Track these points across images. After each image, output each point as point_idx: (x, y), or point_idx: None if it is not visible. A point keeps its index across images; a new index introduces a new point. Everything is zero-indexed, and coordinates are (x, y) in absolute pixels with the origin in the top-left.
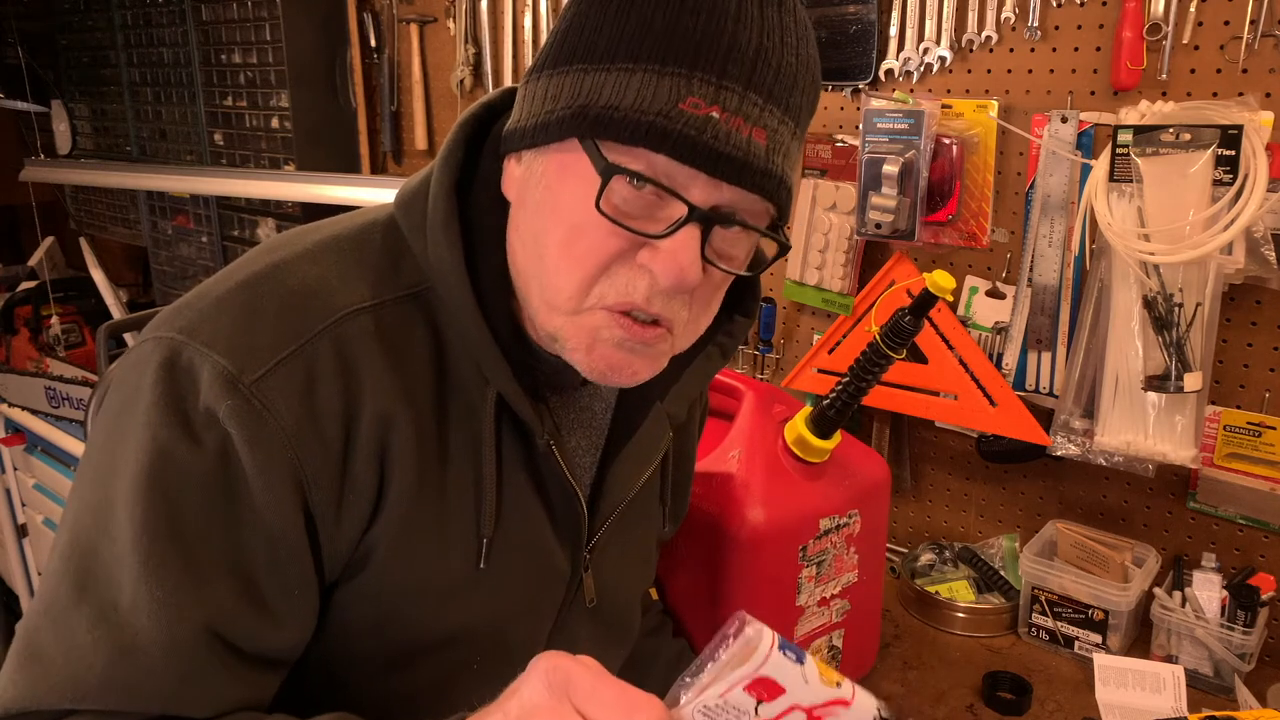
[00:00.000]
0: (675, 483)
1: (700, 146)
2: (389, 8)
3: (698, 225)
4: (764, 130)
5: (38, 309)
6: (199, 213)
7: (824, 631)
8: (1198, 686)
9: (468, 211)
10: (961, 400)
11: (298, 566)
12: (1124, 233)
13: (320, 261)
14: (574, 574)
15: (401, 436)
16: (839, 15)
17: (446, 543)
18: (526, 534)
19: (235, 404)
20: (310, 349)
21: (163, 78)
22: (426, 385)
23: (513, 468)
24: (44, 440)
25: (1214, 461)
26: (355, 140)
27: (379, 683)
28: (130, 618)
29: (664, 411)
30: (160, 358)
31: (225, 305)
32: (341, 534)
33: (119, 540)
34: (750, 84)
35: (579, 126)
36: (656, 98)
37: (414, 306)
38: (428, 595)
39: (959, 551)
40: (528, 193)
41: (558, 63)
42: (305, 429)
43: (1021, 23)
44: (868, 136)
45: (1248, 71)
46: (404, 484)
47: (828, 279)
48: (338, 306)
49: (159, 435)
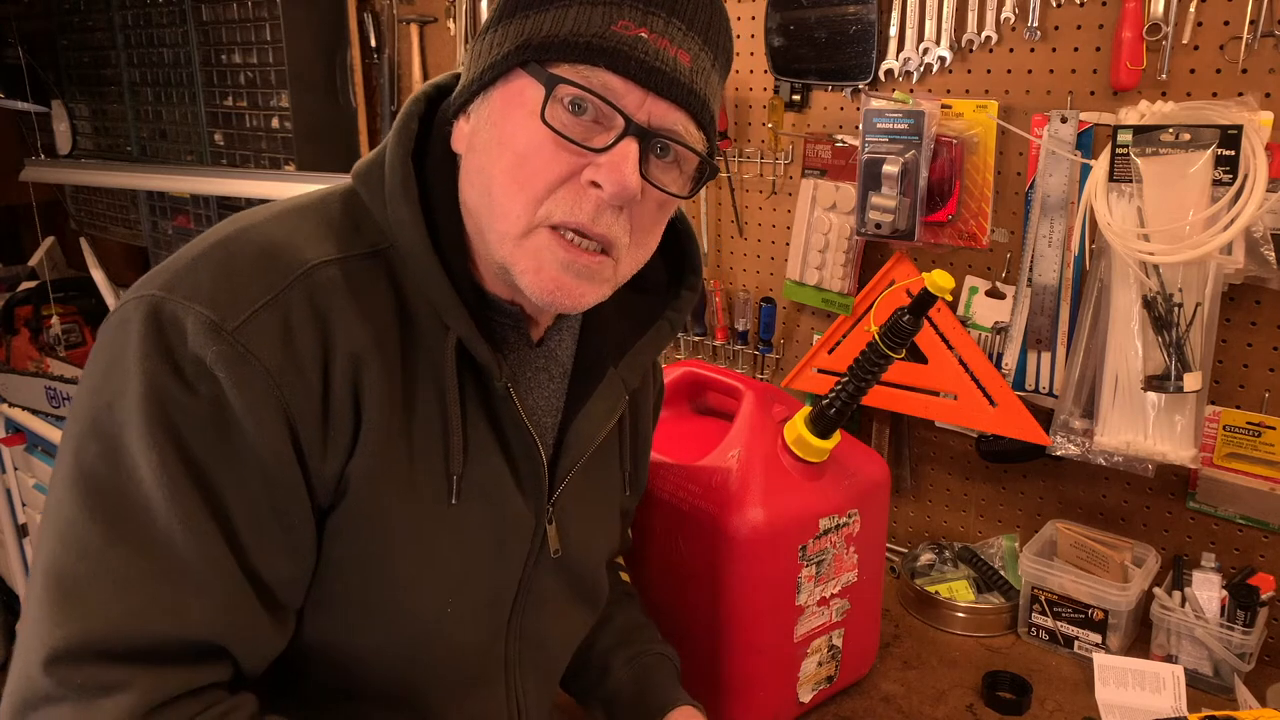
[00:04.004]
0: (634, 449)
1: (633, 60)
2: (389, 8)
3: (635, 139)
4: (687, 53)
5: (38, 309)
6: (199, 213)
7: (824, 631)
8: (1197, 686)
9: (423, 176)
10: (961, 400)
11: (294, 498)
12: (1124, 233)
13: (285, 224)
14: (538, 524)
15: (372, 376)
16: (839, 15)
17: (419, 479)
18: (489, 479)
19: (221, 349)
20: (285, 297)
21: (163, 78)
22: (391, 334)
23: (475, 414)
24: (44, 440)
25: (1213, 461)
26: (355, 140)
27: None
28: (169, 547)
29: (619, 377)
30: (144, 313)
31: (200, 263)
32: (327, 466)
33: (144, 480)
34: (674, 11)
35: (521, 55)
36: (591, 22)
37: (376, 263)
38: (404, 527)
39: (959, 551)
40: (476, 137)
41: (499, 20)
42: (287, 370)
43: (1021, 23)
44: (868, 136)
45: (1247, 71)
46: (376, 421)
47: (827, 279)
48: (307, 259)
49: (155, 382)
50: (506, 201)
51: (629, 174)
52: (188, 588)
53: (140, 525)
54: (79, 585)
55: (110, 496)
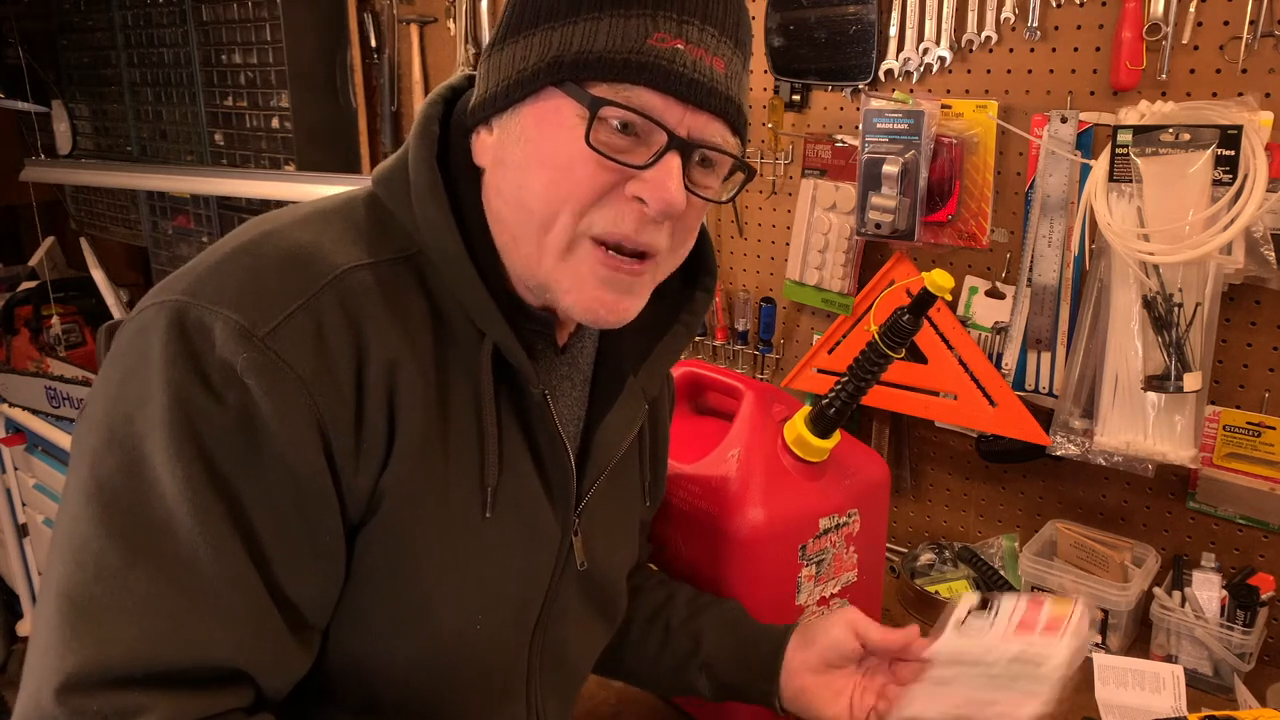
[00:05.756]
0: (653, 458)
1: (673, 74)
2: (389, 8)
3: (677, 153)
4: (721, 59)
5: (38, 309)
6: (199, 213)
7: None
8: (1197, 686)
9: (447, 181)
10: (961, 400)
11: (326, 512)
12: (1123, 233)
13: (310, 229)
14: (564, 537)
15: (407, 383)
16: (839, 15)
17: (452, 491)
18: (522, 491)
19: (252, 356)
20: (316, 302)
21: (163, 78)
22: (425, 341)
23: (509, 423)
24: (44, 440)
25: (1213, 461)
26: (355, 140)
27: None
28: (193, 568)
29: (638, 386)
30: (167, 319)
31: (225, 267)
32: (360, 479)
33: (167, 495)
34: (706, 18)
35: (555, 74)
36: (626, 37)
37: (406, 268)
38: (437, 541)
39: (959, 551)
40: (505, 152)
41: (519, 30)
42: (321, 378)
43: (1021, 23)
44: (867, 136)
45: (1247, 71)
46: (411, 430)
47: (827, 279)
48: (336, 263)
49: (180, 392)
50: (547, 212)
51: (675, 190)
52: (211, 611)
53: (161, 544)
54: (95, 608)
55: (130, 513)
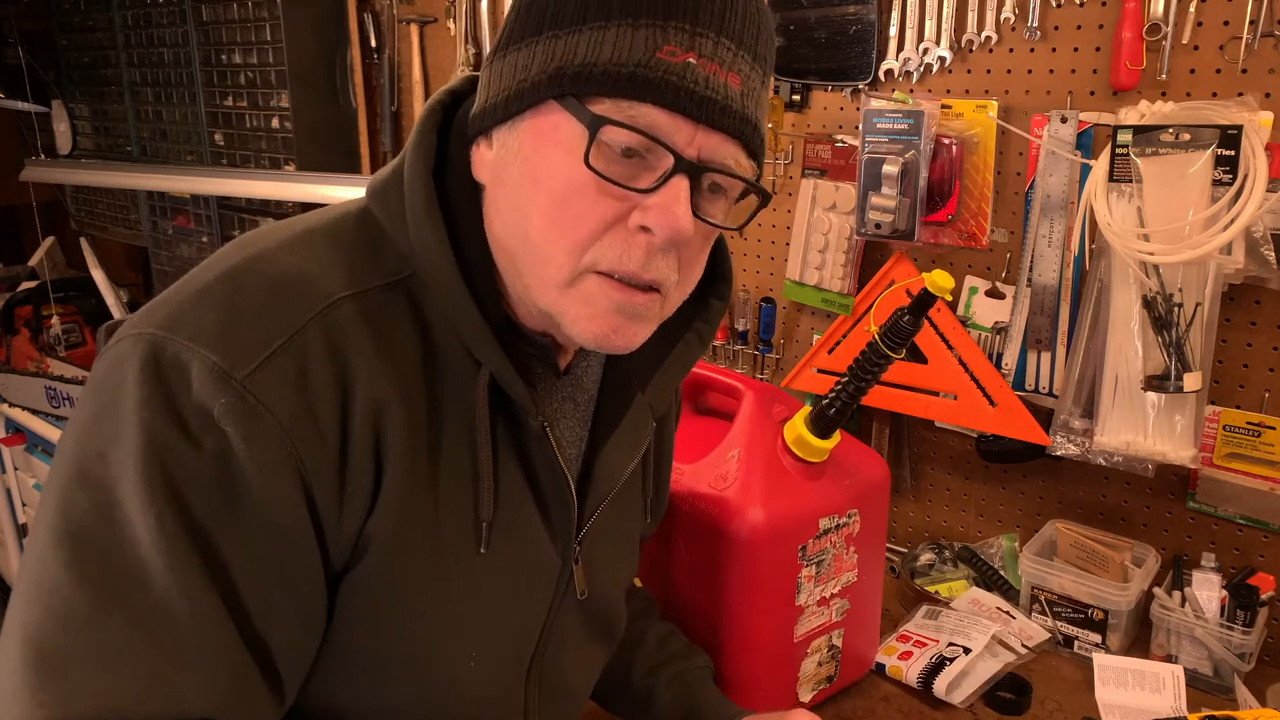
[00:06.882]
0: (657, 475)
1: (683, 91)
2: (389, 8)
3: (685, 176)
4: (738, 75)
5: (38, 309)
6: (199, 213)
7: (824, 631)
8: (1197, 686)
9: (444, 197)
10: (961, 400)
11: (307, 562)
12: (1123, 233)
13: (297, 252)
14: (564, 566)
15: (395, 423)
16: (839, 15)
17: (443, 531)
18: (519, 523)
19: (230, 401)
20: (300, 339)
21: (163, 78)
22: (416, 372)
23: (505, 455)
24: (44, 440)
25: (1213, 461)
26: (355, 140)
27: (378, 686)
28: (167, 619)
29: (646, 402)
30: (142, 355)
31: (206, 299)
32: (344, 526)
33: (140, 542)
34: (722, 30)
35: (556, 87)
36: (634, 49)
37: (397, 294)
38: (428, 583)
39: (959, 551)
40: (504, 170)
41: (523, 36)
42: (302, 424)
43: (1021, 23)
44: (867, 136)
45: (1247, 71)
46: (399, 473)
47: (827, 279)
48: (323, 294)
49: (155, 435)
50: (547, 248)
51: (681, 216)
52: (185, 664)
53: (133, 593)
54: (62, 659)
55: (100, 558)
